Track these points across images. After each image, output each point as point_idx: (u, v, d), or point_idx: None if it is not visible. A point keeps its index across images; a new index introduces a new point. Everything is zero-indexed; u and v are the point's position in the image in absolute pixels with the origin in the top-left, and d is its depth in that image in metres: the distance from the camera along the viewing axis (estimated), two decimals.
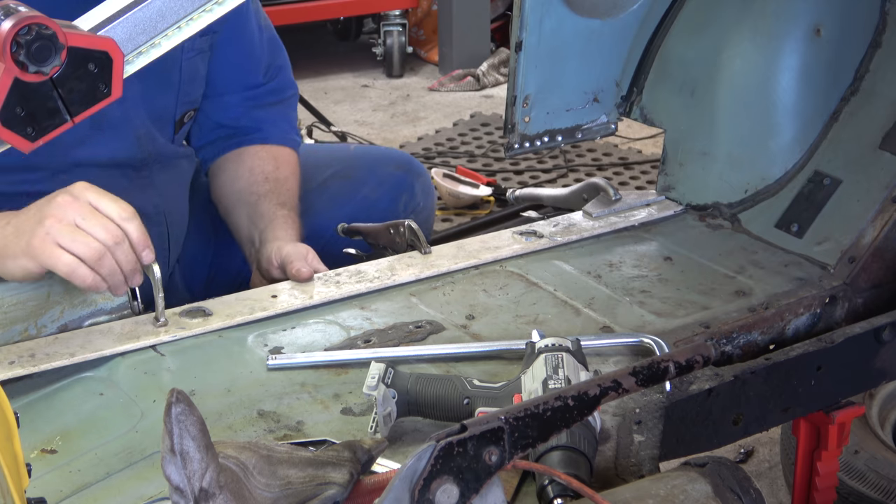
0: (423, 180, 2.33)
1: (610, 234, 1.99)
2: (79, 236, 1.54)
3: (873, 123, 1.88)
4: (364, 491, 1.18)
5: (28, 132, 1.22)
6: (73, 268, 1.54)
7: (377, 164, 2.30)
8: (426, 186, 2.34)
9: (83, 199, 1.57)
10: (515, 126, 1.92)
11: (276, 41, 2.25)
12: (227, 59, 2.12)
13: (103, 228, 1.56)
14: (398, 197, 2.26)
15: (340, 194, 2.23)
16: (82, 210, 1.56)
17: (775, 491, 2.48)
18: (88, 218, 1.56)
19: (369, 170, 2.28)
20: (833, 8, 1.90)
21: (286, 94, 2.25)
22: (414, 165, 2.35)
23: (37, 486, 1.30)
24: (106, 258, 1.55)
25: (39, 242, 1.54)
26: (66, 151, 1.87)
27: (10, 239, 1.57)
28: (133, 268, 1.59)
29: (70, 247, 1.54)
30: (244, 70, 2.17)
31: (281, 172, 2.14)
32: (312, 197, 2.21)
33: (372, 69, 5.59)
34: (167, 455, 1.02)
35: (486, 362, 1.58)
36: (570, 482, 1.09)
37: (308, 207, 2.18)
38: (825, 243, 1.85)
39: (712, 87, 1.99)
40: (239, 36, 2.13)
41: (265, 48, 2.21)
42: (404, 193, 2.27)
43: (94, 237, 1.55)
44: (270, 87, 2.21)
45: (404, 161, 2.36)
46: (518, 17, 1.80)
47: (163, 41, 1.28)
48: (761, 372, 1.56)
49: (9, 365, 1.53)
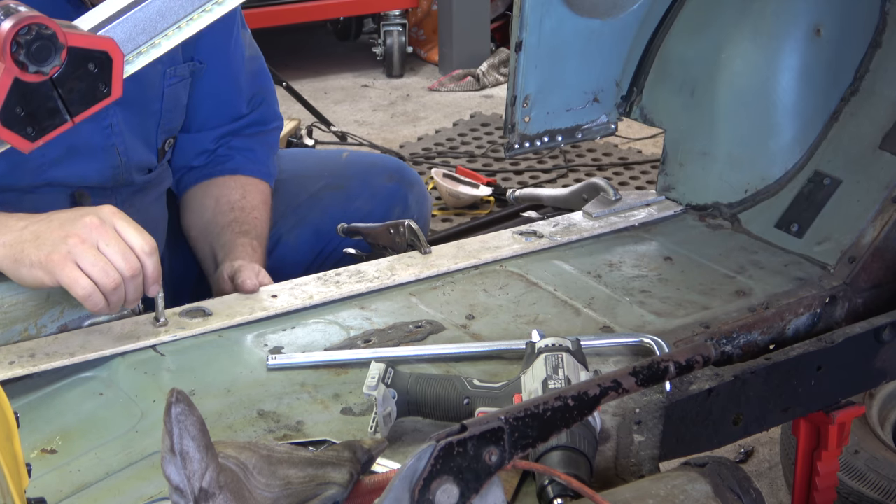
0: (416, 190, 2.31)
1: (610, 234, 1.99)
2: (99, 262, 1.54)
3: (873, 123, 1.88)
4: (364, 491, 1.18)
5: (28, 132, 1.22)
6: (88, 293, 1.54)
7: (370, 175, 2.27)
8: (420, 196, 2.32)
9: (109, 223, 1.57)
10: (515, 126, 1.92)
11: (263, 71, 2.23)
12: (211, 89, 2.10)
13: (124, 259, 1.55)
14: (391, 209, 2.24)
15: (333, 205, 2.21)
16: (107, 236, 1.56)
17: (775, 491, 2.48)
18: (112, 245, 1.55)
19: (362, 181, 2.25)
20: (833, 8, 1.90)
21: (268, 126, 2.23)
22: (407, 175, 2.32)
23: (37, 486, 1.30)
24: (120, 289, 1.56)
25: (60, 259, 1.54)
26: (39, 172, 1.87)
27: (29, 246, 1.56)
28: (138, 299, 1.60)
29: (90, 271, 1.54)
30: (227, 101, 2.15)
31: (248, 202, 2.10)
32: (305, 208, 2.20)
33: (372, 69, 5.59)
34: (167, 455, 1.02)
35: (486, 362, 1.58)
36: (570, 482, 1.09)
37: (301, 219, 2.17)
38: (825, 243, 1.85)
39: (712, 87, 1.99)
40: (225, 67, 2.11)
41: (250, 78, 2.18)
42: (398, 205, 2.25)
43: (115, 266, 1.55)
44: (253, 117, 2.19)
45: (397, 171, 2.32)
46: (518, 17, 1.80)
47: (163, 41, 1.28)
48: (761, 372, 1.56)
49: (9, 365, 1.53)
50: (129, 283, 1.56)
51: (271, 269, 1.97)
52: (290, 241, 2.18)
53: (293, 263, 2.16)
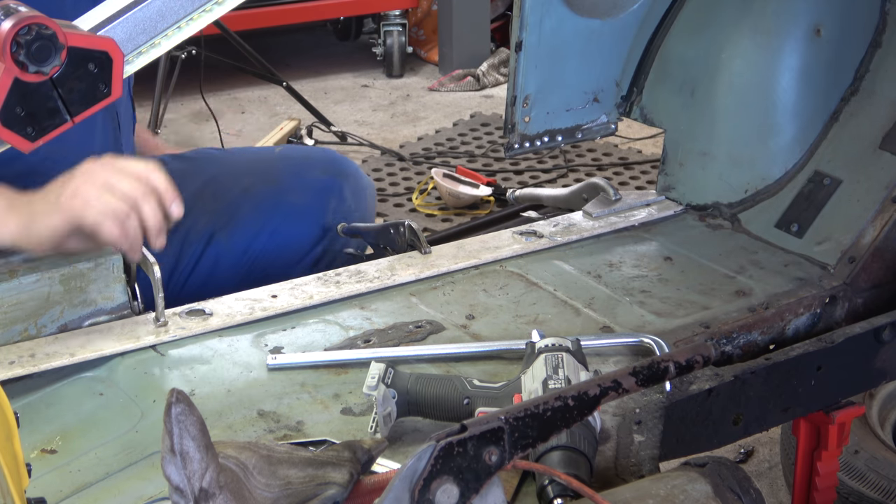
0: (352, 181, 2.23)
1: (610, 234, 1.99)
2: (106, 192, 1.57)
3: (873, 123, 1.88)
4: (364, 491, 1.18)
5: (28, 132, 1.22)
6: (100, 221, 1.55)
7: (303, 169, 2.22)
8: (357, 188, 2.23)
9: (108, 162, 1.63)
10: (515, 126, 1.92)
11: None
12: None
13: (131, 183, 1.58)
14: (326, 202, 2.16)
15: (265, 201, 2.16)
16: (109, 169, 1.60)
17: (775, 491, 2.48)
18: (116, 175, 1.59)
19: (295, 175, 2.20)
20: (833, 8, 1.90)
21: None
22: (342, 167, 2.25)
23: (37, 486, 1.30)
24: (132, 217, 1.57)
25: (68, 199, 1.56)
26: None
27: (37, 201, 1.60)
28: (160, 225, 1.60)
29: (99, 200, 1.56)
30: None
31: None
32: (236, 205, 2.15)
33: (372, 69, 5.59)
34: (167, 455, 1.02)
35: (486, 362, 1.58)
36: (570, 482, 1.09)
37: (232, 216, 2.13)
38: (825, 243, 1.85)
39: (712, 87, 1.99)
40: None
41: None
42: (332, 198, 2.17)
43: (123, 191, 1.57)
44: None
45: (330, 164, 2.25)
46: (518, 17, 1.80)
47: (163, 41, 1.28)
48: (761, 372, 1.55)
49: (9, 365, 1.53)
50: (143, 206, 1.57)
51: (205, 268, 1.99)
52: (222, 240, 2.13)
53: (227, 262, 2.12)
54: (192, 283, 2.09)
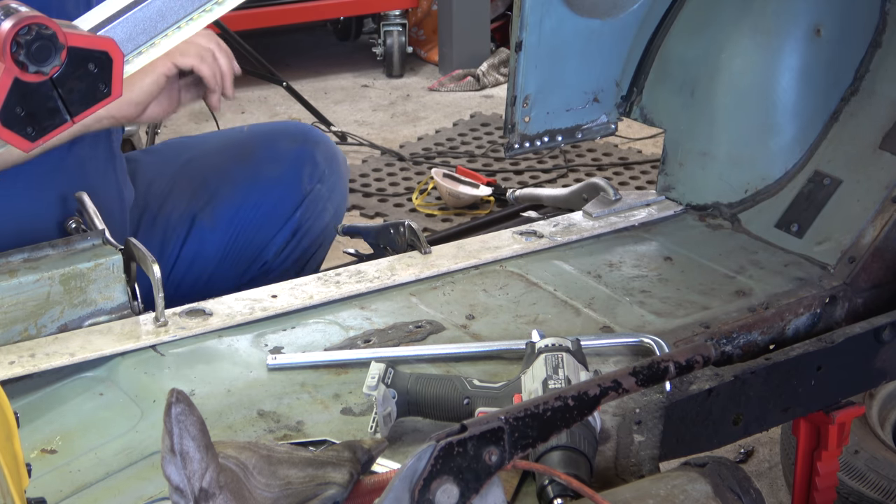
0: (323, 147, 2.29)
1: (610, 234, 1.99)
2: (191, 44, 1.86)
3: (873, 123, 1.88)
4: (364, 491, 1.18)
5: (28, 132, 1.22)
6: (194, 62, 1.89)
7: (273, 142, 2.28)
8: (328, 153, 2.29)
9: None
10: (515, 126, 1.92)
11: None
12: None
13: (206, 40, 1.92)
14: (300, 170, 2.23)
15: (241, 177, 2.21)
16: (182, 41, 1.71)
17: (775, 491, 2.48)
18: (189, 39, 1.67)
19: (266, 148, 2.26)
20: (833, 8, 1.90)
21: None
22: (310, 135, 2.32)
23: (37, 486, 1.30)
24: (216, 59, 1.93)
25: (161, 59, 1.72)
26: None
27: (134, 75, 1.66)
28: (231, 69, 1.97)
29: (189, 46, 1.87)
30: None
31: None
32: (214, 186, 2.19)
33: (372, 69, 5.59)
34: (167, 455, 1.02)
35: (486, 362, 1.58)
36: (570, 482, 1.09)
37: (211, 196, 2.16)
38: (825, 243, 1.85)
39: (712, 87, 1.99)
40: None
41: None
42: (306, 165, 2.24)
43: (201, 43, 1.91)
44: None
45: (299, 133, 2.32)
46: (518, 17, 1.80)
47: (163, 41, 1.28)
48: (761, 372, 1.55)
49: (9, 365, 1.53)
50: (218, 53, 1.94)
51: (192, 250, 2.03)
52: (205, 220, 2.17)
53: (212, 240, 2.16)
54: (180, 266, 2.12)
